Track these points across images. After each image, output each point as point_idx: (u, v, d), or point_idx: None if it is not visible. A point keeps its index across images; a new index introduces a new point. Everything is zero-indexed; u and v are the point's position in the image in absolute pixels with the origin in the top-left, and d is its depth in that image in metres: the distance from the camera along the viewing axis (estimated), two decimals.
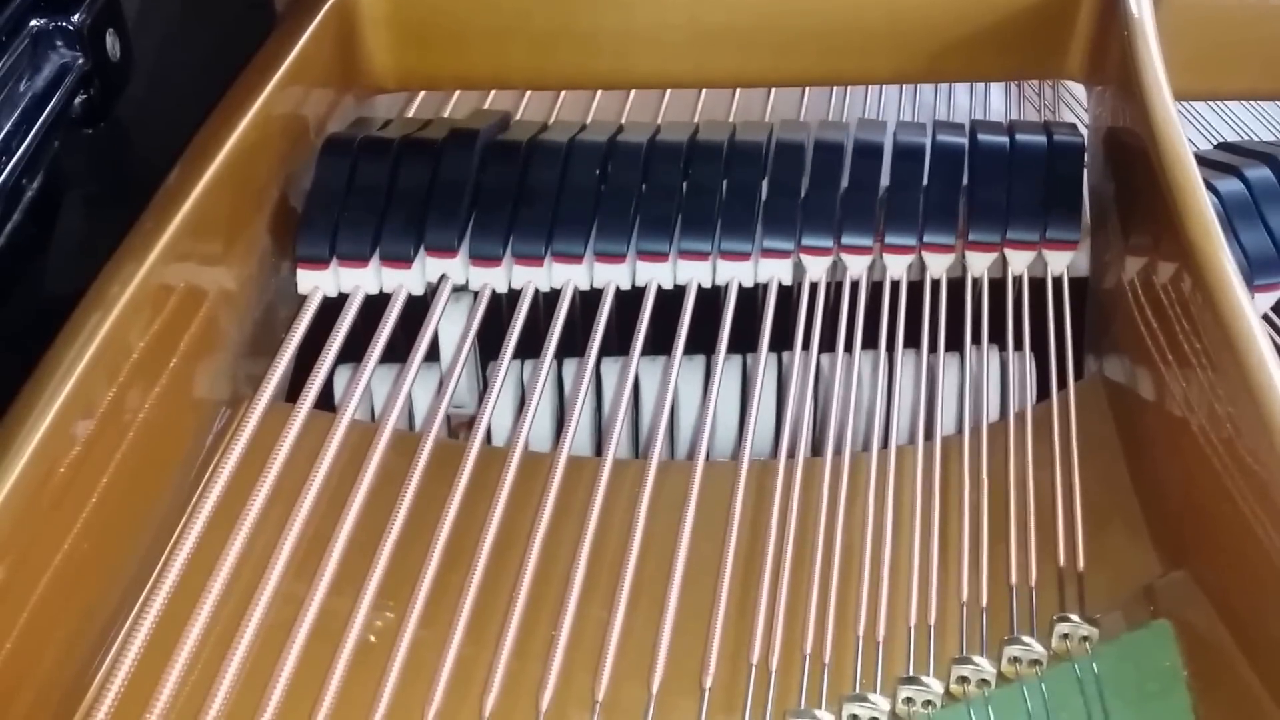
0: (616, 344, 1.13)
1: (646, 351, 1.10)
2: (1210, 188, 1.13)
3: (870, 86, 1.50)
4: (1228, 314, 0.87)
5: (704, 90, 1.43)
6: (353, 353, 1.06)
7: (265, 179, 1.10)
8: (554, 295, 1.12)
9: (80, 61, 1.00)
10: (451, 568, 0.92)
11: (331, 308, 1.08)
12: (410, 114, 1.36)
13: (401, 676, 0.86)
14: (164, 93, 1.16)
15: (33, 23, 0.97)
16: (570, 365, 1.17)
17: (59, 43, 0.99)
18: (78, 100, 1.01)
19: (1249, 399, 0.81)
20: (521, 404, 1.16)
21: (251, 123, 1.06)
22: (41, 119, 0.95)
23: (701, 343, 1.11)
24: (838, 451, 1.02)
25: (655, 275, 1.13)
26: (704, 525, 0.96)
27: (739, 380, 1.16)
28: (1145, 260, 1.04)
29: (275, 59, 1.13)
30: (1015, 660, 0.87)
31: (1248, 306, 0.87)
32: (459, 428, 1.22)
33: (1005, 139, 1.19)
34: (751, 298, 1.14)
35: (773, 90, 1.44)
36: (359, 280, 1.10)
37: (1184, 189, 0.97)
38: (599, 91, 1.41)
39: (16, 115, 0.93)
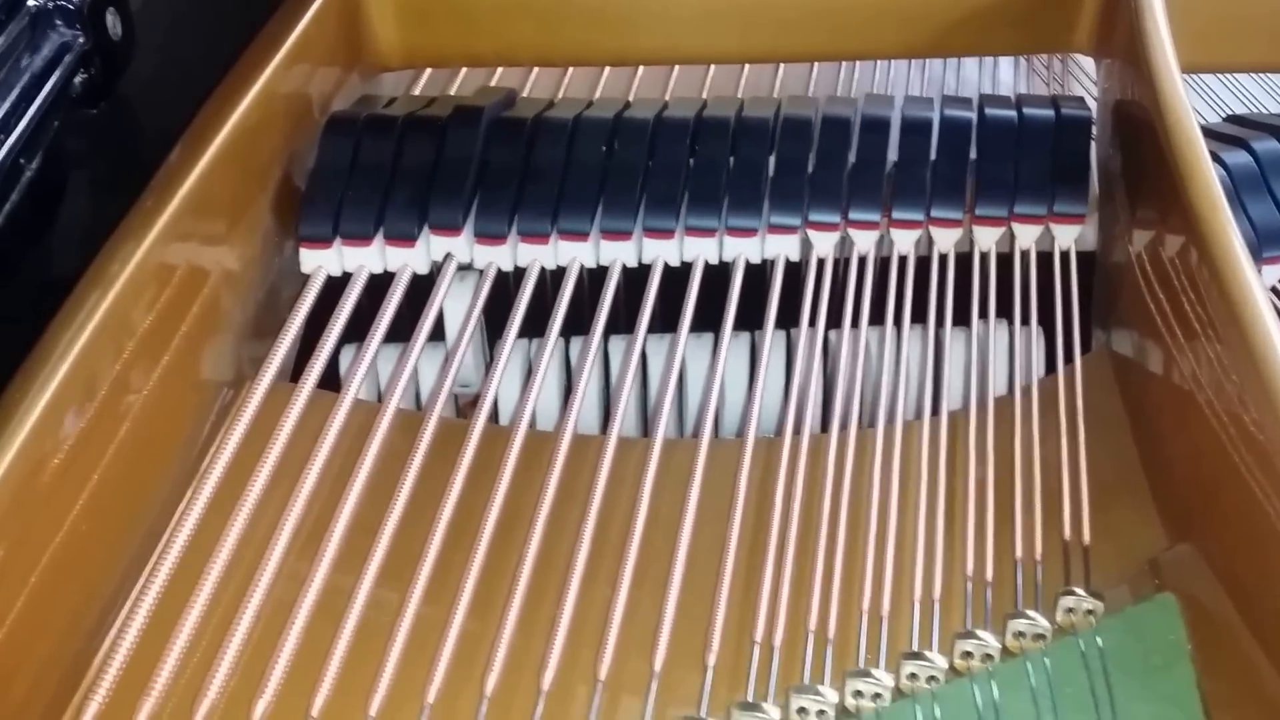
0: (624, 322, 1.12)
1: (653, 329, 1.10)
2: (1218, 160, 1.13)
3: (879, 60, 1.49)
4: (1233, 286, 0.86)
5: (712, 66, 1.42)
6: (360, 333, 1.05)
7: (268, 158, 1.10)
8: (561, 273, 1.11)
9: (80, 40, 1.00)
10: (456, 546, 0.92)
11: (337, 288, 1.08)
12: (416, 92, 1.35)
13: (406, 654, 0.85)
14: (171, 73, 1.16)
15: (31, 2, 0.97)
16: (577, 343, 1.16)
17: (58, 22, 0.99)
18: (78, 79, 1.01)
19: (1254, 372, 0.81)
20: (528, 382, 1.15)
21: (254, 101, 1.06)
22: (40, 98, 0.95)
23: (709, 320, 1.10)
24: (844, 428, 1.02)
25: (661, 252, 1.12)
26: (711, 502, 0.96)
27: (747, 357, 1.16)
28: (1152, 233, 1.03)
29: (279, 37, 1.12)
30: (1020, 635, 0.87)
31: (1254, 279, 0.86)
32: (466, 407, 1.21)
33: (1012, 113, 1.18)
34: (760, 274, 1.13)
35: (781, 66, 1.43)
36: (363, 259, 1.09)
37: (1190, 162, 0.97)
38: (606, 68, 1.40)
39: (15, 94, 0.93)
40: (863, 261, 1.13)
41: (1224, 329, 0.88)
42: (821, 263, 1.13)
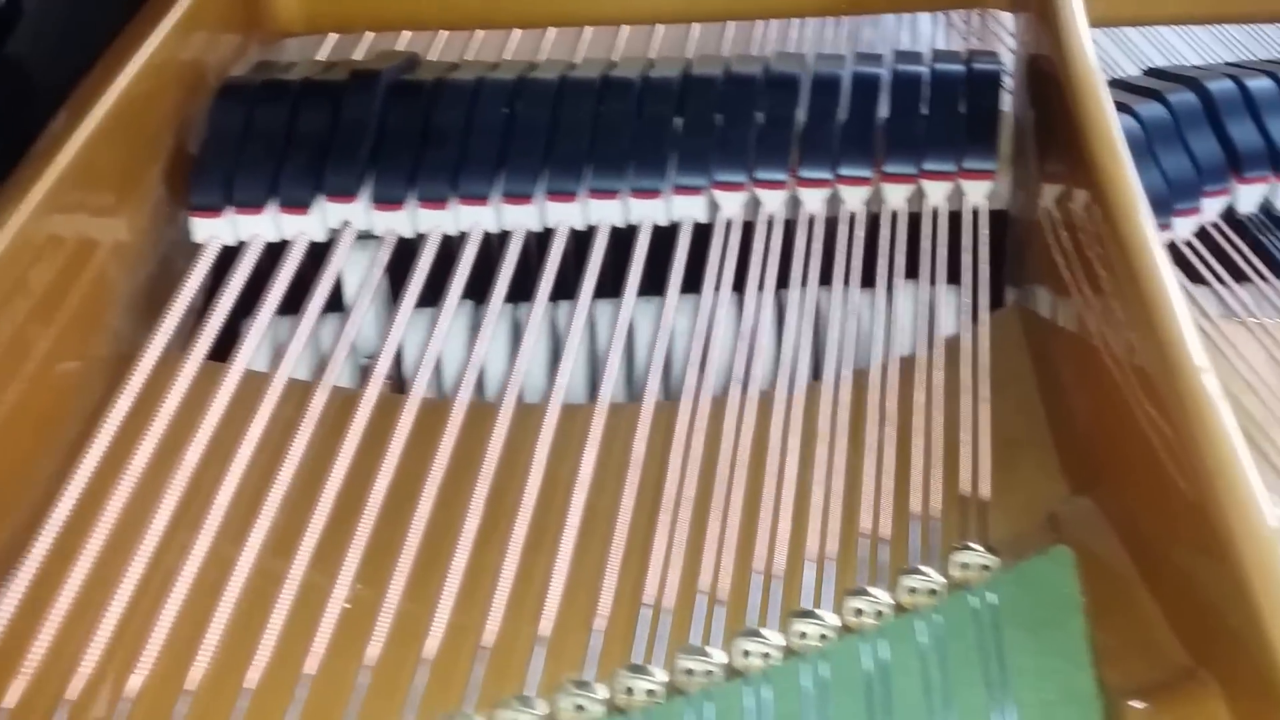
0: (533, 286, 1.10)
1: (561, 295, 1.08)
2: (1131, 112, 1.12)
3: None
4: (1132, 239, 0.85)
5: (624, 27, 1.40)
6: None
7: (159, 127, 1.08)
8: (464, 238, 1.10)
9: None
10: (353, 515, 0.90)
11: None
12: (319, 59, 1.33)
13: (293, 624, 0.84)
14: (70, 40, 1.14)
15: None
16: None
17: None
18: None
19: (1149, 324, 0.80)
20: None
21: (144, 69, 1.04)
22: None
23: (620, 285, 1.09)
24: (744, 390, 1.00)
25: (565, 216, 1.10)
26: (609, 466, 0.94)
27: (653, 321, 1.14)
28: (1060, 188, 1.02)
29: (171, 1, 1.10)
30: (913, 591, 0.85)
31: (1151, 232, 0.85)
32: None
33: (922, 68, 1.17)
34: (670, 237, 1.12)
35: (695, 25, 1.41)
36: (256, 228, 1.08)
37: (1093, 114, 0.96)
38: (515, 31, 1.37)
39: None
40: (771, 222, 1.12)
41: (1123, 282, 0.86)
42: (729, 224, 1.11)
